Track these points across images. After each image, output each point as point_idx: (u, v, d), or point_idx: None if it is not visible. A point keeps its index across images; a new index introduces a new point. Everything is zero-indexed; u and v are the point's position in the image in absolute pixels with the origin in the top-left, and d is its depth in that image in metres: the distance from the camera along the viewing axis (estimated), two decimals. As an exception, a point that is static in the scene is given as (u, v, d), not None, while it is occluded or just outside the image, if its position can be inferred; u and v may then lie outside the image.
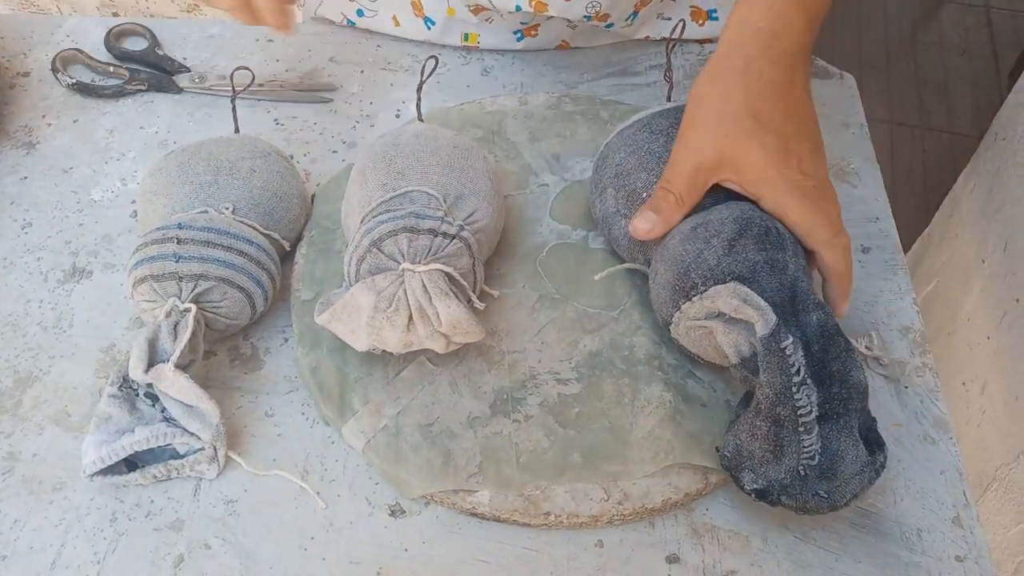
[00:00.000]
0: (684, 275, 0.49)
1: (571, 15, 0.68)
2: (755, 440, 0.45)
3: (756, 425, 0.45)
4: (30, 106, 0.70)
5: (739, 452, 0.46)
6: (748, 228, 0.49)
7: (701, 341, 0.50)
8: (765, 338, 0.44)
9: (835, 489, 0.44)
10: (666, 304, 0.51)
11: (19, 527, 0.48)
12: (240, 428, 0.52)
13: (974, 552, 0.49)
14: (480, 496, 0.49)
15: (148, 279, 0.51)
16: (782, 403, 0.44)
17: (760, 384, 0.45)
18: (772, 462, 0.45)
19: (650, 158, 0.55)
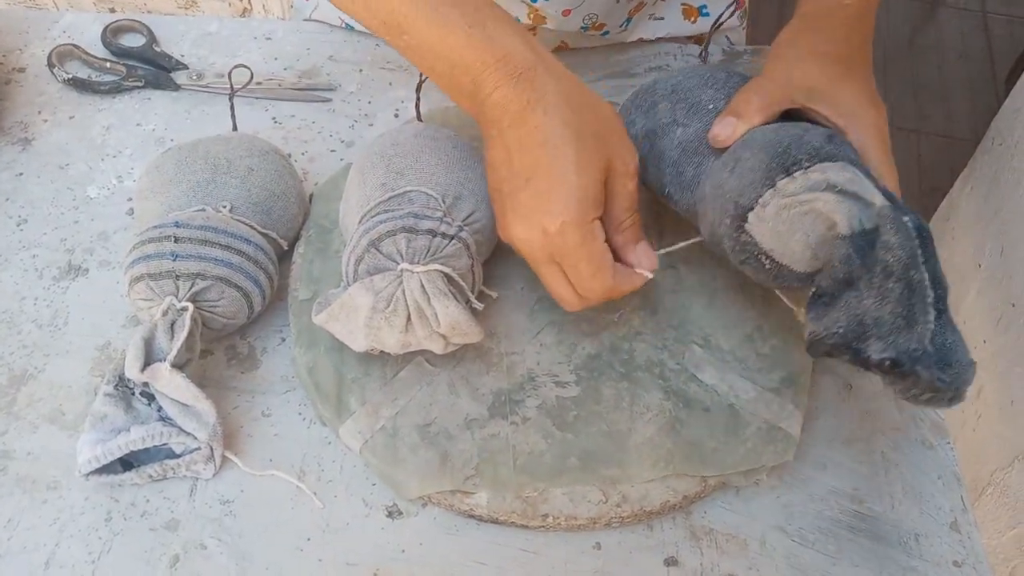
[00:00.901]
0: (784, 153, 0.47)
1: (569, 28, 0.70)
2: (886, 304, 0.43)
3: (887, 288, 0.43)
4: (26, 102, 0.70)
5: (861, 322, 0.43)
6: (838, 134, 0.49)
7: (790, 224, 0.46)
8: (885, 207, 0.43)
9: (956, 376, 0.42)
10: (753, 186, 0.47)
11: (13, 526, 0.48)
12: (236, 428, 0.52)
13: (972, 557, 0.49)
14: (478, 498, 0.49)
15: (145, 277, 0.50)
16: (915, 267, 0.42)
17: (889, 247, 0.43)
18: (904, 329, 0.42)
19: (715, 81, 0.55)
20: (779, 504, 0.51)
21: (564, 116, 0.46)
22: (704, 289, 0.57)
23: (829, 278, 0.46)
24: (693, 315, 0.56)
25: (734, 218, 0.49)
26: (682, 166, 0.54)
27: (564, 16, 0.67)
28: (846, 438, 0.53)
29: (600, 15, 0.69)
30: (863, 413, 0.55)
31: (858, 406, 0.55)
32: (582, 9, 0.67)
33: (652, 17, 0.75)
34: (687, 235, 0.54)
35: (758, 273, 0.50)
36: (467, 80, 0.47)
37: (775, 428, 0.51)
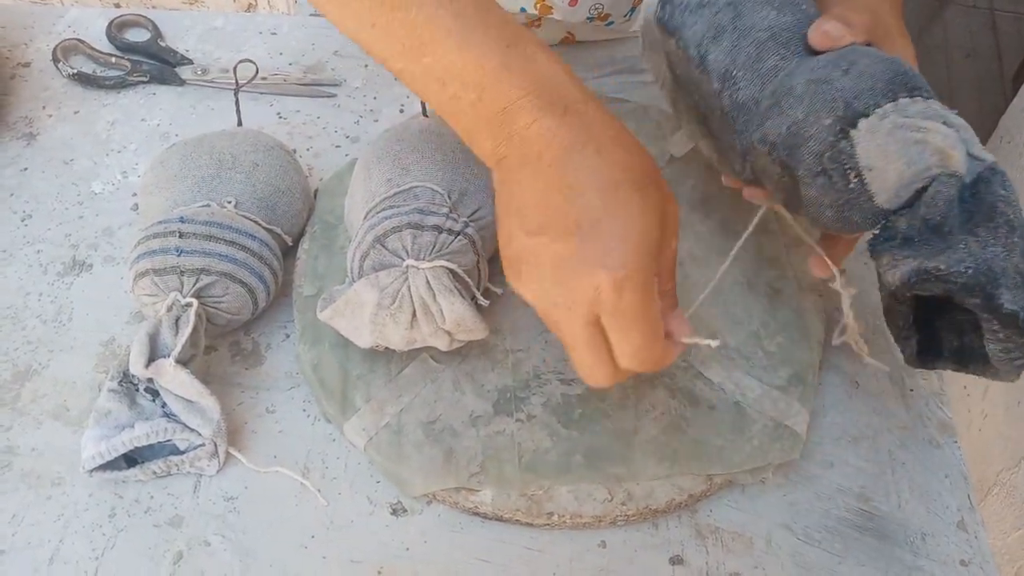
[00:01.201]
0: (905, 75, 0.44)
1: (575, 18, 0.69)
2: (1012, 256, 0.41)
3: (1013, 242, 0.41)
4: (31, 97, 0.70)
5: (991, 268, 0.41)
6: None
7: (901, 146, 0.43)
8: (994, 162, 0.43)
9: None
10: (873, 93, 0.44)
11: (17, 522, 0.48)
12: (241, 424, 0.52)
13: (979, 557, 0.49)
14: (482, 495, 0.48)
15: (149, 273, 0.50)
16: (1007, 211, 0.41)
17: (1008, 201, 0.41)
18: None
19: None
20: (785, 502, 0.50)
21: (620, 158, 0.41)
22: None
23: (919, 218, 0.43)
24: (699, 312, 0.56)
25: (841, 120, 0.44)
26: (766, 52, 0.48)
27: (571, 7, 0.67)
28: (853, 436, 0.53)
29: (606, 5, 0.68)
30: (870, 411, 0.54)
31: (865, 404, 0.55)
32: (588, 0, 0.67)
33: None
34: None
35: (828, 193, 0.45)
36: (497, 108, 0.41)
37: (781, 426, 0.51)
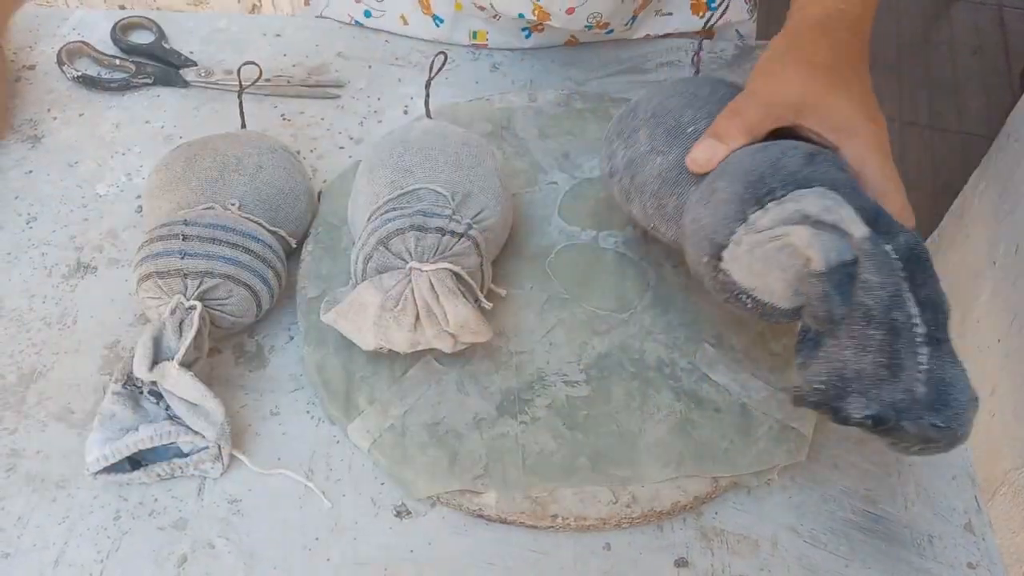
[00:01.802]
0: (758, 182, 0.44)
1: (573, 26, 0.70)
2: (866, 354, 0.39)
3: (867, 336, 0.39)
4: (36, 99, 0.70)
5: (842, 376, 0.40)
6: (821, 152, 0.46)
7: (766, 262, 0.44)
8: (869, 238, 0.40)
9: (953, 418, 0.38)
10: (726, 220, 0.44)
11: (22, 524, 0.48)
12: (245, 427, 0.52)
13: (986, 559, 0.49)
14: (486, 498, 0.48)
15: (153, 276, 0.50)
16: (898, 306, 0.39)
17: (868, 287, 0.39)
18: (888, 380, 0.39)
19: (696, 100, 0.51)
20: (791, 505, 0.50)
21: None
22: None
23: (811, 317, 0.43)
24: (704, 314, 0.56)
25: (711, 257, 0.46)
26: (663, 198, 0.50)
27: (568, 14, 0.67)
28: (859, 438, 0.53)
29: (604, 14, 0.68)
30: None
31: (871, 406, 0.54)
32: (586, 7, 0.67)
33: (659, 13, 0.74)
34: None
35: (743, 312, 0.47)
36: None
37: (787, 428, 0.51)
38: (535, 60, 0.74)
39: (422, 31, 0.74)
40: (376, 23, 0.75)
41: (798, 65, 0.50)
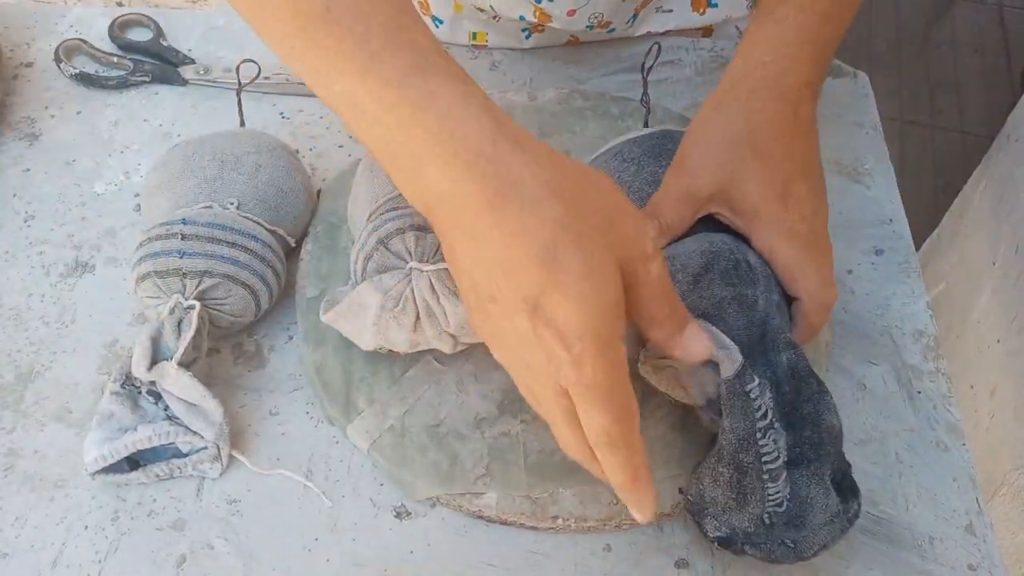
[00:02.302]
0: None
1: (574, 28, 0.69)
2: (717, 487, 0.44)
3: (719, 472, 0.44)
4: (33, 97, 0.69)
5: (702, 498, 0.45)
6: (715, 262, 0.47)
7: (669, 381, 0.48)
8: (729, 380, 0.43)
9: (803, 539, 0.43)
10: (631, 341, 0.47)
11: (20, 524, 0.48)
12: (244, 427, 0.52)
13: (987, 561, 0.49)
14: (487, 499, 0.48)
15: (152, 275, 0.50)
16: (745, 449, 0.43)
17: (723, 429, 0.44)
18: (735, 510, 0.44)
19: (622, 181, 0.53)
20: (791, 506, 0.50)
21: (549, 211, 0.35)
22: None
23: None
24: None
25: (631, 361, 0.44)
26: None
27: (569, 16, 0.67)
28: (860, 439, 0.53)
29: (605, 13, 0.68)
30: (877, 414, 0.54)
31: (872, 407, 0.54)
32: (587, 9, 0.67)
33: (660, 10, 0.74)
34: None
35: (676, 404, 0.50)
36: (405, 153, 0.36)
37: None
38: (535, 59, 0.74)
39: None
40: None
41: (709, 146, 0.48)
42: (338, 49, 0.37)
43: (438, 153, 0.35)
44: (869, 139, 0.68)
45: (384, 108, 0.36)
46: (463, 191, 0.35)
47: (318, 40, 0.37)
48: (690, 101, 0.70)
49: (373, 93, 0.36)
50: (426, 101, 0.36)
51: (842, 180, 0.65)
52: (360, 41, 0.37)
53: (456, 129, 0.35)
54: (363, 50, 0.36)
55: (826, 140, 0.68)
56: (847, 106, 0.70)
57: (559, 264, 0.35)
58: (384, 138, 0.37)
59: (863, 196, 0.64)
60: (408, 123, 0.36)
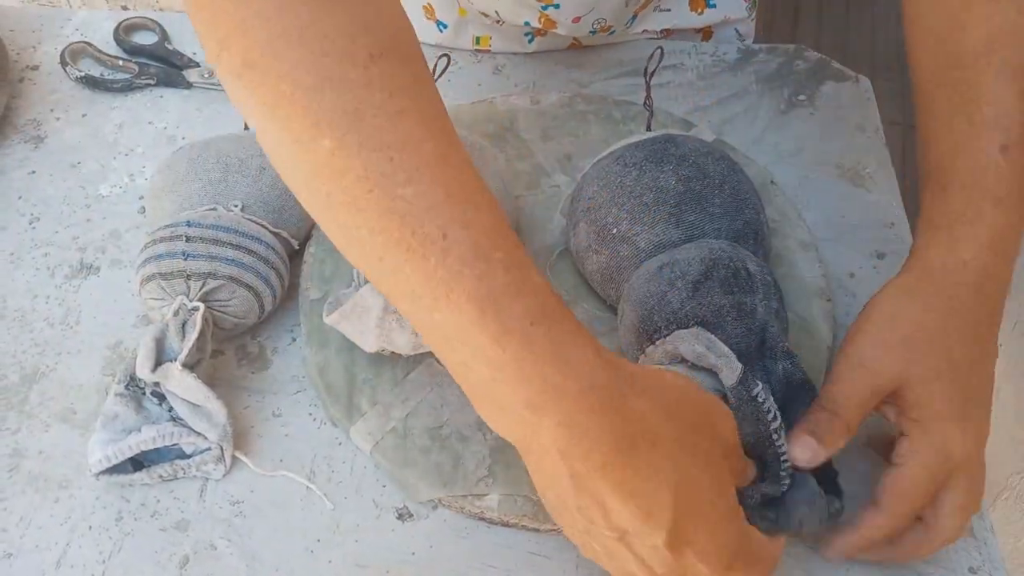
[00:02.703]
0: (647, 318, 0.47)
1: (578, 33, 0.70)
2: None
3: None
4: (39, 100, 0.70)
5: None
6: (715, 269, 0.47)
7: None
8: (734, 388, 0.43)
9: (781, 515, 0.43)
10: (631, 347, 0.49)
11: (24, 525, 0.48)
12: (247, 428, 0.52)
13: (988, 564, 0.49)
14: (489, 501, 0.48)
15: (156, 277, 0.50)
16: (763, 448, 0.43)
17: (741, 431, 0.43)
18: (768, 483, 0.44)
19: (622, 192, 0.53)
20: (793, 509, 0.50)
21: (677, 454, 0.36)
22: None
23: None
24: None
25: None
26: (606, 290, 0.54)
27: (574, 23, 0.68)
28: (862, 442, 0.53)
29: (608, 19, 0.69)
30: (879, 417, 0.54)
31: (873, 410, 0.54)
32: (591, 15, 0.68)
33: (658, 9, 0.74)
34: None
35: None
36: (517, 397, 0.35)
37: (789, 432, 0.51)
38: (538, 62, 0.74)
39: (425, 36, 0.74)
40: None
41: (905, 337, 0.44)
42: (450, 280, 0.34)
43: (564, 399, 0.35)
44: (871, 143, 0.68)
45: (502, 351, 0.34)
46: (588, 437, 0.35)
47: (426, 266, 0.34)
48: (692, 105, 0.70)
49: (490, 338, 0.34)
50: (555, 347, 0.35)
51: (844, 184, 0.65)
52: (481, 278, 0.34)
53: (584, 375, 0.35)
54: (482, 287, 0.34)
55: (828, 144, 0.68)
56: (849, 110, 0.71)
57: (690, 496, 0.36)
58: (486, 376, 0.35)
59: (865, 200, 0.64)
60: (530, 369, 0.35)
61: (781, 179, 0.64)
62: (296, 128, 0.34)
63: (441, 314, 0.35)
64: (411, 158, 0.34)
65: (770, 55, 0.75)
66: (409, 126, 0.35)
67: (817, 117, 0.70)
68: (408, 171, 0.34)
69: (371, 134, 0.34)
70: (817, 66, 0.74)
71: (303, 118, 0.34)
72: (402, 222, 0.34)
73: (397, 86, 0.35)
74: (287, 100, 0.34)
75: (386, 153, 0.34)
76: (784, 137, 0.68)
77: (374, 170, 0.34)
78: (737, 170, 0.54)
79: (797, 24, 2.36)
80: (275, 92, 0.34)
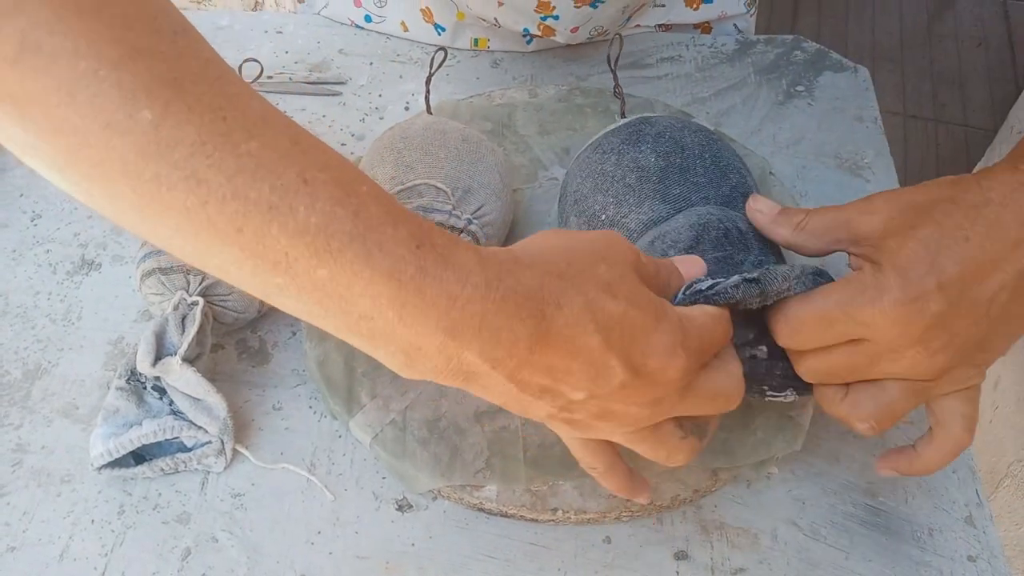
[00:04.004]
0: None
1: (576, 41, 0.71)
2: None
3: None
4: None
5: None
6: (705, 232, 0.47)
7: None
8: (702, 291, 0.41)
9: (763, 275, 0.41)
10: None
11: (28, 519, 0.49)
12: (247, 421, 0.52)
13: (987, 552, 0.49)
14: (487, 491, 0.49)
15: (156, 272, 0.51)
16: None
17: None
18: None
19: (603, 179, 0.53)
20: (791, 498, 0.50)
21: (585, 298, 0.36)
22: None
23: None
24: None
25: None
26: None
27: (572, 32, 0.68)
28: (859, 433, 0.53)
29: (606, 26, 0.69)
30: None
31: (871, 399, 0.54)
32: (589, 25, 0.68)
33: (654, 5, 0.74)
34: None
35: None
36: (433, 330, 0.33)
37: (785, 418, 0.51)
38: (536, 56, 0.74)
39: (423, 38, 0.75)
40: (376, 28, 0.76)
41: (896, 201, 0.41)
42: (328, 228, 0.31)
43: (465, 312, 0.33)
44: (869, 133, 0.68)
45: (400, 286, 0.32)
46: (504, 332, 0.34)
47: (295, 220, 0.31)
48: (690, 96, 0.70)
49: (383, 274, 0.32)
50: (445, 261, 0.33)
51: (842, 174, 0.65)
52: (357, 214, 0.32)
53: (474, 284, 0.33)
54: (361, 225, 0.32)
55: (826, 134, 0.68)
56: (848, 100, 0.71)
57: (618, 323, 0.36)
58: (396, 323, 0.33)
59: (863, 190, 0.64)
60: (432, 297, 0.32)
61: (779, 170, 0.65)
62: (106, 108, 0.29)
63: (326, 269, 0.31)
64: (245, 115, 0.31)
65: (768, 46, 0.75)
66: (232, 89, 0.32)
67: (815, 108, 0.70)
68: (246, 127, 0.31)
69: (197, 98, 0.30)
70: (815, 57, 0.74)
71: (114, 93, 0.29)
72: (255, 178, 0.30)
73: (207, 58, 0.32)
74: (89, 79, 0.29)
75: (218, 114, 0.31)
76: (782, 128, 0.68)
77: (210, 132, 0.30)
78: (715, 139, 0.54)
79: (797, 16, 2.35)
80: (72, 72, 0.29)
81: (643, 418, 0.38)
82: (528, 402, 0.36)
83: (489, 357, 0.34)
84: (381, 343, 0.34)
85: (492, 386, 0.36)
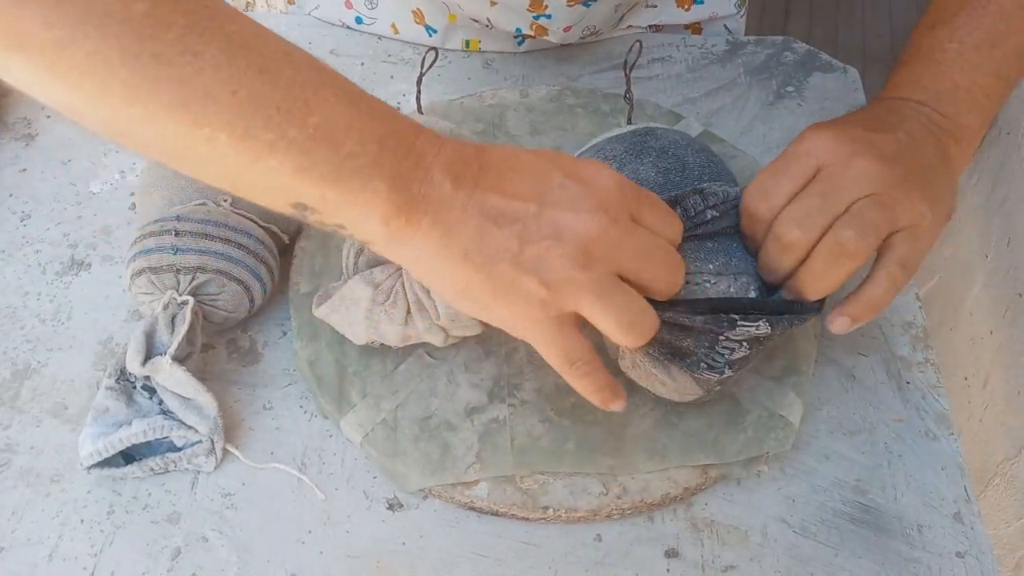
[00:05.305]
0: None
1: (569, 40, 0.71)
2: None
3: None
4: (29, 98, 0.69)
5: None
6: (644, 153, 0.51)
7: (647, 375, 0.48)
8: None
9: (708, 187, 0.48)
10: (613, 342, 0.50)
11: (16, 519, 0.48)
12: (238, 421, 0.52)
13: (975, 548, 0.49)
14: (478, 490, 0.49)
15: (146, 271, 0.51)
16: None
17: None
18: None
19: None
20: (781, 496, 0.50)
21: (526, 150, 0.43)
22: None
23: None
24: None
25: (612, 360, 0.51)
26: None
27: (565, 32, 0.68)
28: (849, 429, 0.53)
29: (598, 25, 0.70)
30: (866, 404, 0.54)
31: (861, 397, 0.55)
32: (582, 24, 0.68)
33: (645, 5, 0.75)
34: None
35: None
36: (401, 155, 0.38)
37: (775, 416, 0.51)
38: (527, 57, 0.74)
39: (414, 40, 0.75)
40: (367, 30, 0.76)
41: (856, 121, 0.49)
42: (316, 83, 0.38)
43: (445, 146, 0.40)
44: (858, 133, 0.68)
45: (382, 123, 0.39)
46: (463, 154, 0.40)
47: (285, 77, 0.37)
48: (680, 97, 0.71)
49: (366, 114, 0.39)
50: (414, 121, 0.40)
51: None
52: (338, 75, 0.39)
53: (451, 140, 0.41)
54: (343, 83, 0.40)
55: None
56: (837, 101, 0.71)
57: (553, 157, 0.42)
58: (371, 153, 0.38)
59: (852, 189, 0.65)
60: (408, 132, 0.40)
61: (769, 169, 0.65)
62: (97, 6, 0.32)
63: (318, 115, 0.36)
64: (222, 9, 0.36)
65: (758, 47, 0.75)
66: (217, 5, 0.36)
67: (805, 108, 0.70)
68: (231, 15, 0.35)
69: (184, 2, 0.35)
70: (805, 57, 0.74)
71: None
72: (244, 48, 0.35)
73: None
74: None
75: (201, 3, 0.35)
76: (772, 128, 0.69)
77: (199, 15, 0.34)
78: (717, 162, 0.54)
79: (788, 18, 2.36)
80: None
81: (593, 229, 0.40)
82: (491, 235, 0.39)
83: (450, 171, 0.39)
84: (365, 179, 0.37)
85: (456, 221, 0.39)
